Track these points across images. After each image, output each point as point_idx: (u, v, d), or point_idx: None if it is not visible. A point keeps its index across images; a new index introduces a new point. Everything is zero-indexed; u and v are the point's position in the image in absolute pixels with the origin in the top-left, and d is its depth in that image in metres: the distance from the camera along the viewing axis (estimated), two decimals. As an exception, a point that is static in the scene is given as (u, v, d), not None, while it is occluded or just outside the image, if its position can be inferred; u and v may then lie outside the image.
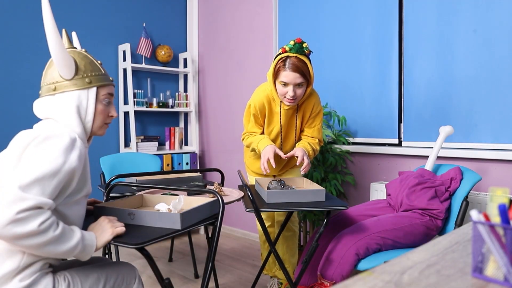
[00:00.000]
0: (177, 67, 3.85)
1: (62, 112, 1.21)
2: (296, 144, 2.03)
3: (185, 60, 3.84)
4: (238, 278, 2.59)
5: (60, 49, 1.20)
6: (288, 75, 1.79)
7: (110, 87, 1.29)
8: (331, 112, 2.71)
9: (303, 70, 1.79)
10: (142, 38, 3.43)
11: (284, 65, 1.80)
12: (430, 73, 2.36)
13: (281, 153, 1.88)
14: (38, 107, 1.27)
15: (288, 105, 1.92)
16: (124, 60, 3.42)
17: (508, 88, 2.07)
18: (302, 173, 1.92)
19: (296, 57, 1.80)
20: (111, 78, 1.31)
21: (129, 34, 3.52)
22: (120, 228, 1.20)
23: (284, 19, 3.14)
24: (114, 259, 2.56)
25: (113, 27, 3.43)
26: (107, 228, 1.19)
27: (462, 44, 2.22)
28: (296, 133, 2.06)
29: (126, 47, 3.35)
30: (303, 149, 1.89)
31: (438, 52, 2.32)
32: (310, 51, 1.86)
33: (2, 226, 0.97)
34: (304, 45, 1.81)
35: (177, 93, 3.73)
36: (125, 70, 3.43)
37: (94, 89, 1.23)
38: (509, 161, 2.05)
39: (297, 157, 1.85)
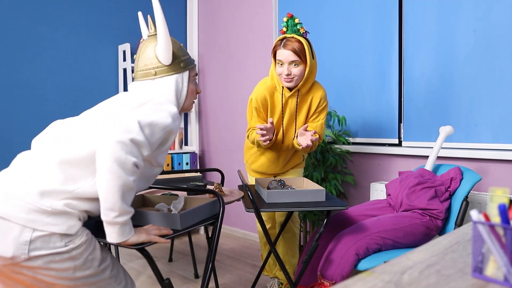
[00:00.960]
0: (177, 67, 3.85)
1: (163, 94, 1.35)
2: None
3: (185, 60, 3.84)
4: (238, 278, 2.59)
5: (168, 38, 1.35)
6: (282, 53, 1.86)
7: (195, 67, 1.45)
8: (331, 112, 2.71)
9: (296, 49, 1.84)
10: (142, 38, 3.42)
11: (280, 44, 1.87)
12: (430, 73, 2.36)
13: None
14: (137, 89, 1.39)
15: (287, 86, 1.93)
16: (124, 60, 3.42)
17: (508, 88, 2.07)
18: (303, 145, 1.88)
19: (292, 37, 1.85)
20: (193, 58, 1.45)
21: (129, 34, 3.52)
22: (159, 238, 1.23)
23: (284, 19, 3.14)
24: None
25: (113, 27, 3.43)
26: (148, 230, 1.23)
27: (462, 44, 2.22)
28: (296, 126, 2.03)
29: (126, 47, 3.35)
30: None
31: (438, 52, 2.32)
32: (306, 31, 1.89)
33: (112, 142, 1.09)
34: (296, 20, 1.86)
35: (177, 93, 3.73)
36: (125, 70, 3.43)
37: (187, 72, 1.40)
38: (509, 161, 2.05)
39: (314, 134, 1.84)
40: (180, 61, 1.38)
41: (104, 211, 1.13)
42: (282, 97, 1.97)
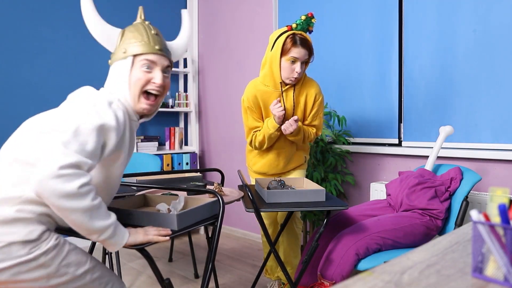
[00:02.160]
0: (177, 67, 3.85)
1: (108, 82, 1.30)
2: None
3: (185, 60, 3.84)
4: (238, 278, 2.59)
5: (96, 27, 1.30)
6: (300, 51, 1.86)
7: (151, 55, 1.27)
8: (331, 112, 2.71)
9: (310, 47, 1.88)
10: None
11: (295, 41, 1.86)
12: (430, 73, 2.35)
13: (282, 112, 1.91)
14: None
15: (290, 83, 1.95)
16: (124, 60, 3.42)
17: (508, 88, 2.07)
18: (286, 132, 1.93)
19: (302, 34, 1.87)
20: (157, 47, 1.29)
21: (129, 34, 3.52)
22: (157, 237, 1.19)
23: (284, 19, 3.14)
24: (114, 259, 2.56)
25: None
26: (147, 231, 1.20)
27: (462, 44, 2.22)
28: (296, 113, 2.05)
29: (126, 47, 3.34)
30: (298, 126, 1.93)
31: (438, 52, 2.32)
32: (312, 30, 1.92)
33: (46, 182, 0.99)
34: (313, 20, 1.88)
35: (177, 93, 3.73)
36: (125, 70, 3.43)
37: (130, 58, 1.26)
38: (509, 161, 2.05)
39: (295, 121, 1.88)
40: (123, 48, 1.27)
41: (86, 236, 1.10)
42: (282, 92, 1.99)
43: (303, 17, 1.87)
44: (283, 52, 1.89)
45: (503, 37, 2.07)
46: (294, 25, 1.88)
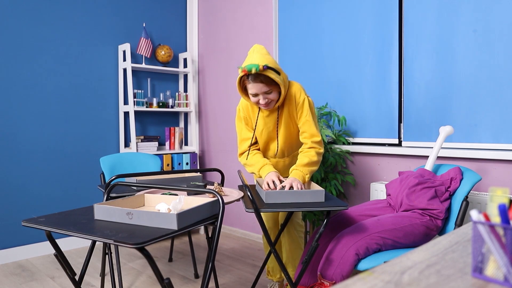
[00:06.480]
0: (177, 67, 3.85)
1: None
2: (291, 169, 1.92)
3: (185, 60, 3.84)
4: (238, 278, 2.59)
5: None
6: (253, 87, 1.83)
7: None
8: (331, 112, 2.71)
9: (264, 81, 1.80)
10: (142, 38, 3.43)
11: (248, 78, 1.82)
12: (430, 73, 2.36)
13: (280, 180, 1.86)
14: None
15: (267, 110, 1.94)
16: (124, 60, 3.42)
17: (508, 88, 2.07)
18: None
19: (256, 73, 1.79)
20: None
21: (129, 34, 3.52)
22: None
23: (284, 19, 3.14)
24: (114, 259, 2.56)
25: (113, 27, 3.43)
26: None
27: (462, 44, 2.22)
28: (285, 130, 2.01)
29: (126, 47, 3.35)
30: (297, 179, 1.82)
31: (438, 52, 2.32)
32: (264, 66, 1.77)
33: None
34: (252, 71, 1.77)
35: (177, 93, 3.74)
36: (125, 70, 3.43)
37: None
38: (509, 161, 2.05)
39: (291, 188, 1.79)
40: None
41: None
42: (258, 113, 1.98)
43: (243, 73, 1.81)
44: (244, 90, 1.90)
45: (503, 37, 2.07)
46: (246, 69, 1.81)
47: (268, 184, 1.81)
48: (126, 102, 3.47)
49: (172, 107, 3.66)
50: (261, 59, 1.77)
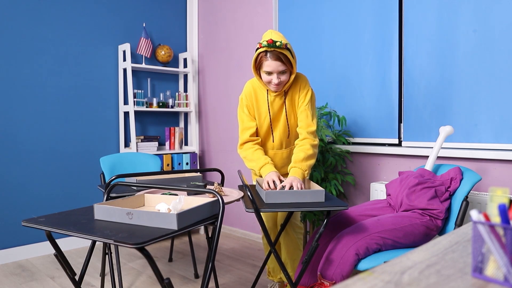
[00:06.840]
0: (177, 67, 3.85)
1: None
2: (289, 167, 1.93)
3: (185, 60, 3.84)
4: (238, 278, 2.59)
5: None
6: (270, 64, 1.87)
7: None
8: (331, 112, 2.71)
9: (283, 59, 1.87)
10: (142, 38, 3.43)
11: (266, 55, 1.88)
12: (430, 73, 2.35)
13: (280, 180, 1.86)
14: None
15: (275, 91, 1.97)
16: (124, 60, 3.42)
17: (508, 88, 2.07)
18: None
19: (274, 50, 1.86)
20: None
21: (129, 34, 3.52)
22: None
23: (284, 19, 3.14)
24: (114, 259, 2.56)
25: (113, 27, 3.43)
26: None
27: (462, 44, 2.22)
28: (287, 121, 2.04)
29: (126, 47, 3.35)
30: (297, 178, 1.82)
31: (438, 52, 2.32)
32: (285, 44, 1.87)
33: None
34: (277, 43, 1.86)
35: (177, 93, 3.74)
36: (125, 70, 3.43)
37: None
38: (509, 161, 2.05)
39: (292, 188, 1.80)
40: None
41: None
42: (267, 95, 2.01)
43: (265, 43, 1.86)
44: (259, 66, 1.93)
45: (503, 37, 2.07)
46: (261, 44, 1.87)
47: (268, 184, 1.81)
48: (126, 102, 3.47)
49: (172, 107, 3.66)
50: (283, 39, 1.87)
